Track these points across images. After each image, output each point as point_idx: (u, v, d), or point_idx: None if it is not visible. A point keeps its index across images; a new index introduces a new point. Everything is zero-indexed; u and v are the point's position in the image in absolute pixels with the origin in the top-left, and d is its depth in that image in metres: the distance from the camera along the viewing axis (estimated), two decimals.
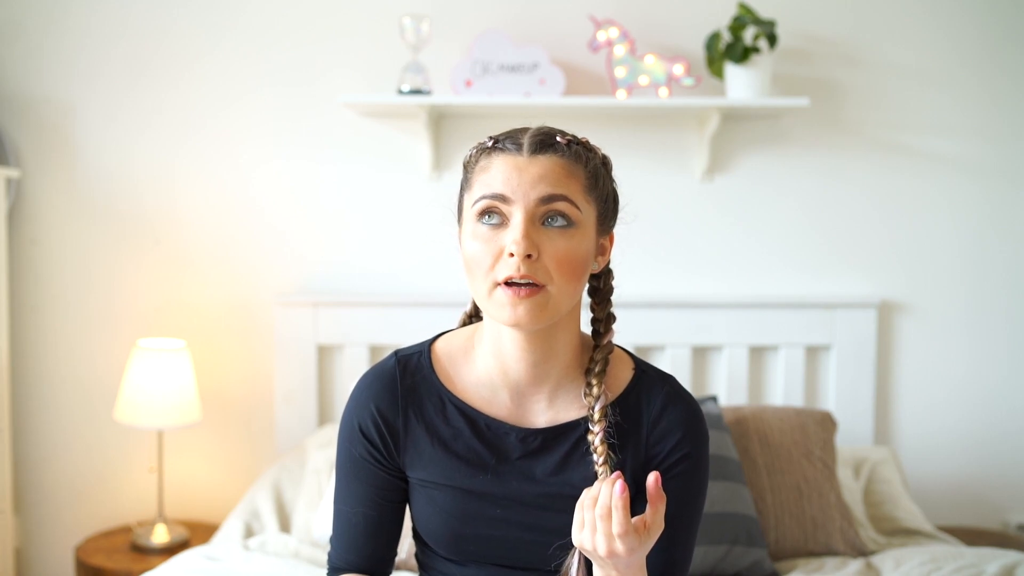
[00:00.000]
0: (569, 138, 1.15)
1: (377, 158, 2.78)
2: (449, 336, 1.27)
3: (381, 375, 1.23)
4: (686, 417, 1.19)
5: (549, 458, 1.18)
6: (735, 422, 2.33)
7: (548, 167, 1.11)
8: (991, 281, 2.84)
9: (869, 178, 2.80)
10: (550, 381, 1.18)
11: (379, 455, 1.21)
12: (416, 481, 1.21)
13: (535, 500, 1.18)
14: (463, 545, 1.21)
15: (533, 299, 1.09)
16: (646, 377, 1.22)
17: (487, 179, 1.12)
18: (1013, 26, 2.78)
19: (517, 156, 1.12)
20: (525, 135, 1.14)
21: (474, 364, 1.21)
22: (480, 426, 1.19)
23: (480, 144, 1.17)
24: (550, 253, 1.09)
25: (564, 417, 1.19)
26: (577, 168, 1.13)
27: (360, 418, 1.22)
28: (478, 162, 1.15)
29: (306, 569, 2.03)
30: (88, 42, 2.75)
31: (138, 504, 2.83)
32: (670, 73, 2.62)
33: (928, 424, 2.86)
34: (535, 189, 1.10)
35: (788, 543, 2.21)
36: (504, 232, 1.10)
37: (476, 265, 1.11)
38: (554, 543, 1.17)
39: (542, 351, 1.16)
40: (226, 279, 2.81)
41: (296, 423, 2.76)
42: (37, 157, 2.78)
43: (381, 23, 2.72)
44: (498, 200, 1.10)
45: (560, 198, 1.10)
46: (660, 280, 2.81)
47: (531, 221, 1.09)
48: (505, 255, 1.09)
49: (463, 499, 1.19)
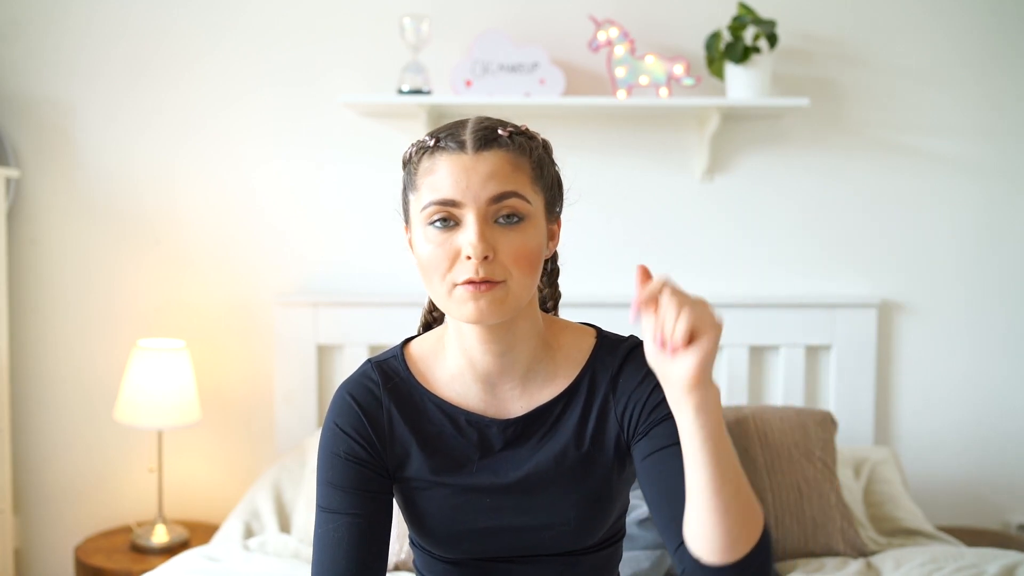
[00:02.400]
0: (511, 129, 1.13)
1: (377, 158, 2.78)
2: (419, 340, 1.27)
3: (362, 380, 1.22)
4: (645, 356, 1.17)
5: (531, 442, 1.19)
6: (735, 422, 2.33)
7: (495, 163, 1.09)
8: (991, 281, 2.84)
9: (869, 178, 2.81)
10: (519, 368, 1.19)
11: (366, 455, 1.19)
12: (405, 482, 1.21)
13: (522, 485, 1.18)
14: (459, 542, 1.21)
15: (492, 292, 1.08)
16: (607, 340, 1.23)
17: (434, 182, 1.10)
18: (1013, 26, 2.78)
19: (462, 155, 1.09)
20: (465, 131, 1.12)
21: (445, 362, 1.22)
22: (461, 422, 1.19)
23: (420, 143, 1.15)
24: (506, 250, 1.09)
25: (538, 400, 1.20)
26: (523, 160, 1.12)
27: (345, 421, 1.20)
28: (421, 162, 1.13)
29: (306, 569, 2.03)
30: (88, 42, 2.75)
31: (138, 504, 2.83)
32: (670, 73, 2.62)
33: (928, 424, 2.86)
34: (485, 189, 1.08)
35: (788, 543, 2.21)
36: (457, 233, 1.09)
37: (432, 269, 1.10)
38: (546, 523, 1.18)
39: (506, 342, 1.16)
40: (226, 279, 2.81)
41: (296, 423, 2.76)
42: (37, 157, 2.78)
43: (381, 23, 2.72)
44: (448, 205, 1.09)
45: (511, 195, 1.09)
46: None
47: (484, 221, 1.08)
48: (462, 257, 1.08)
49: (453, 495, 1.19)
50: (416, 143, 1.16)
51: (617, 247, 2.76)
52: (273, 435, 2.81)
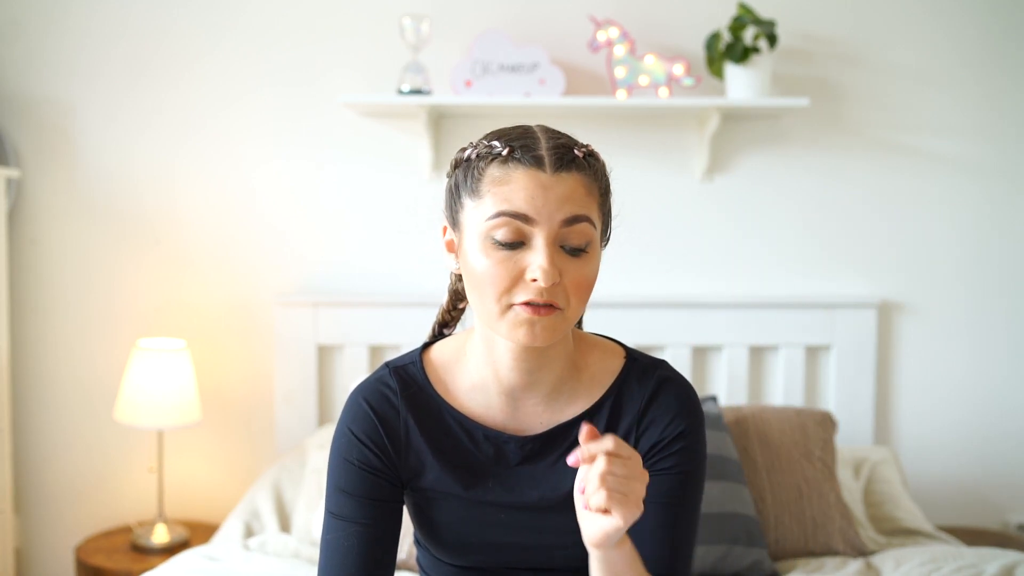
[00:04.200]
0: (584, 150, 1.10)
1: (377, 158, 2.78)
2: (440, 345, 1.24)
3: (378, 387, 1.19)
4: (678, 396, 1.17)
5: (548, 460, 1.17)
6: (735, 422, 2.33)
7: (572, 186, 1.06)
8: (991, 281, 2.84)
9: (869, 178, 2.81)
10: (545, 386, 1.17)
11: (380, 464, 1.17)
12: (419, 492, 1.19)
13: (537, 503, 1.17)
14: (468, 553, 1.20)
15: (550, 318, 1.06)
16: (636, 365, 1.20)
17: (506, 193, 1.05)
18: (1013, 26, 2.78)
19: (539, 172, 1.05)
20: (540, 145, 1.07)
21: (467, 371, 1.19)
22: (478, 436, 1.17)
23: (488, 147, 1.09)
24: (570, 278, 1.07)
25: (561, 418, 1.18)
26: (595, 185, 1.10)
27: (360, 428, 1.18)
28: (488, 169, 1.07)
29: (306, 569, 2.03)
30: (88, 42, 2.75)
31: (138, 504, 2.83)
32: (670, 73, 2.62)
33: (928, 424, 2.86)
34: (560, 211, 1.05)
35: (788, 543, 2.21)
36: (523, 253, 1.05)
37: (490, 285, 1.06)
38: (558, 544, 1.17)
39: (536, 361, 1.14)
40: (226, 279, 2.81)
41: (296, 423, 2.76)
42: (37, 157, 2.78)
43: (381, 23, 2.72)
44: (520, 220, 1.05)
45: (583, 219, 1.06)
46: (660, 280, 2.80)
47: (553, 245, 1.05)
48: (526, 279, 1.05)
49: (466, 508, 1.18)
50: (481, 146, 1.10)
51: (617, 247, 2.75)
52: (273, 435, 2.81)
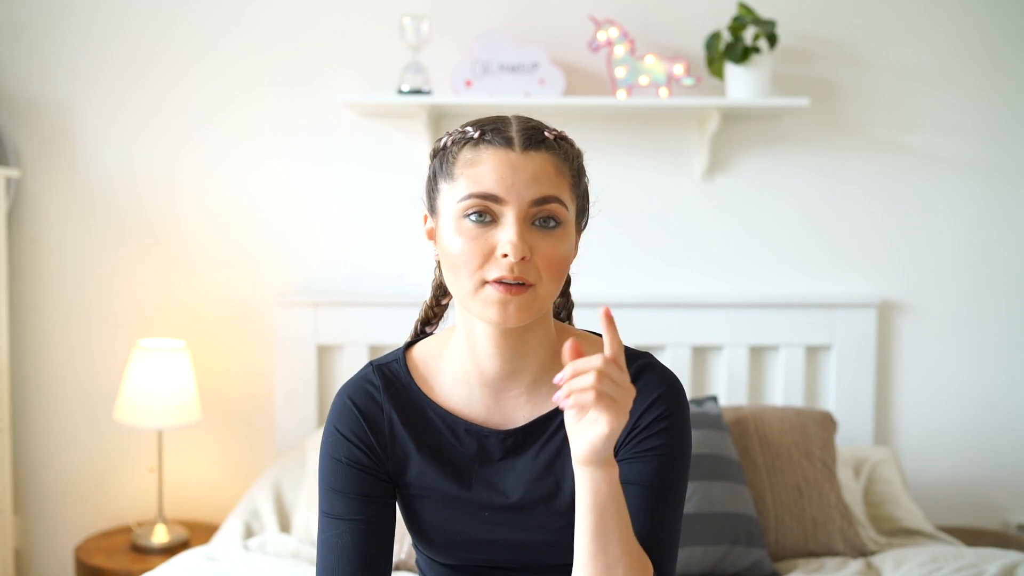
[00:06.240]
0: (555, 133, 1.13)
1: (377, 158, 2.78)
2: (423, 343, 1.26)
3: (362, 384, 1.21)
4: (661, 381, 1.17)
5: (530, 452, 1.18)
6: (735, 422, 2.33)
7: (541, 165, 1.09)
8: (991, 281, 2.84)
9: (869, 178, 2.81)
10: (526, 376, 1.17)
11: (367, 460, 1.18)
12: (405, 488, 1.20)
13: (521, 500, 1.17)
14: (457, 549, 1.20)
15: (522, 297, 1.07)
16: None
17: (476, 174, 1.08)
18: (1013, 26, 2.78)
19: (509, 151, 1.09)
20: (511, 127, 1.11)
21: (448, 365, 1.20)
22: (459, 431, 1.18)
23: (460, 133, 1.13)
24: (541, 254, 1.08)
25: (542, 409, 1.18)
26: (565, 166, 1.12)
27: (346, 426, 1.18)
28: (461, 153, 1.11)
29: (306, 569, 2.03)
30: (88, 42, 2.75)
31: (138, 504, 2.83)
32: (670, 73, 2.62)
33: (928, 424, 2.86)
34: (529, 189, 1.07)
35: (788, 543, 2.21)
36: (494, 230, 1.08)
37: (462, 263, 1.08)
38: (542, 540, 1.17)
39: (516, 347, 1.15)
40: (226, 279, 2.81)
41: (296, 423, 2.76)
42: (37, 157, 2.78)
43: (381, 23, 2.72)
44: (490, 200, 1.07)
45: (553, 199, 1.09)
46: (660, 280, 2.80)
47: (524, 222, 1.07)
48: (497, 255, 1.07)
49: (451, 505, 1.18)
50: (454, 132, 1.14)
51: (617, 247, 2.76)
52: (273, 435, 2.81)
